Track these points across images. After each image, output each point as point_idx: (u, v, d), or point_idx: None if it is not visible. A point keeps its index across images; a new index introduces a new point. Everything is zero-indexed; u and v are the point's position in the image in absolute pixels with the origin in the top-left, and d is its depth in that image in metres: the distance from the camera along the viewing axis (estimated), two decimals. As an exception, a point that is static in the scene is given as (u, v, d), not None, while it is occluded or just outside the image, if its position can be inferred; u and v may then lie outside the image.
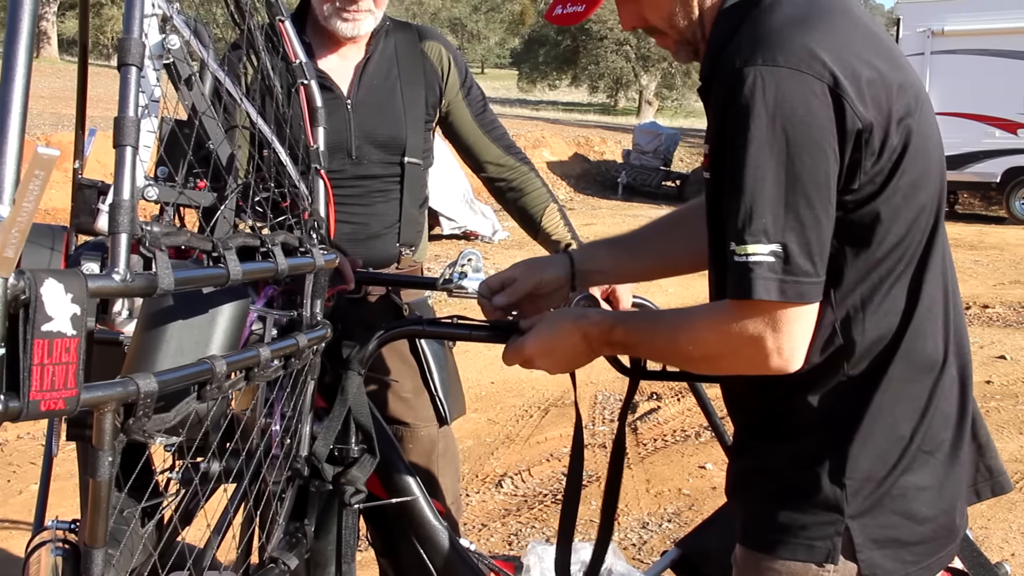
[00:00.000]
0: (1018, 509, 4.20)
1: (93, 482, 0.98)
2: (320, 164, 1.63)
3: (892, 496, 1.40)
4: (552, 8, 1.52)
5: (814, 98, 1.27)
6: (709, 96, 1.41)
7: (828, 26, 1.34)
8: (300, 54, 1.67)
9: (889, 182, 1.34)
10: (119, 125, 1.01)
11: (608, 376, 5.60)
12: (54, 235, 1.49)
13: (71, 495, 2.46)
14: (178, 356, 1.23)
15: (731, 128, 1.30)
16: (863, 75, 1.30)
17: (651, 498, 4.37)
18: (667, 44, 1.55)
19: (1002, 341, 7.31)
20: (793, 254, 1.28)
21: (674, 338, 1.47)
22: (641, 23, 1.53)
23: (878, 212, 1.35)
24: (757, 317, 1.32)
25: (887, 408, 1.40)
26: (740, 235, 1.29)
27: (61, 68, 25.02)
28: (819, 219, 1.30)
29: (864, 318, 1.39)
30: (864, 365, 1.40)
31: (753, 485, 1.51)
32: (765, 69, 1.28)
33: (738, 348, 1.36)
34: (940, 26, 16.15)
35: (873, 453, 1.40)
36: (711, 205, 1.42)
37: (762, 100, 1.27)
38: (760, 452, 1.50)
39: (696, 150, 22.54)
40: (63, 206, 6.23)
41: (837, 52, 1.30)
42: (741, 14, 1.40)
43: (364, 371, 1.83)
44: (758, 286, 1.28)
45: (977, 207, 17.63)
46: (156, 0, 1.35)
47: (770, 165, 1.27)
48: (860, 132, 1.30)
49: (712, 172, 1.39)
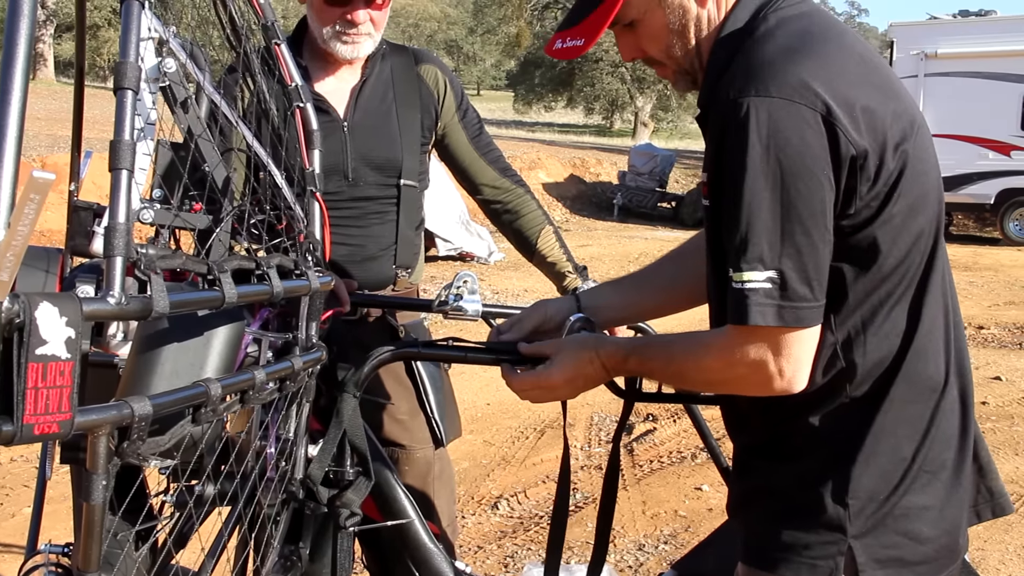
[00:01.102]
0: (1014, 531, 4.19)
1: (87, 505, 0.97)
2: (316, 186, 1.63)
3: (895, 516, 1.41)
4: (552, 42, 1.54)
5: (807, 127, 1.29)
6: (707, 124, 1.44)
7: (821, 55, 1.35)
8: (296, 77, 1.68)
9: (885, 207, 1.35)
10: (115, 148, 1.01)
11: (604, 397, 5.59)
12: (49, 257, 1.49)
13: (64, 518, 2.45)
14: (173, 379, 1.23)
15: (727, 158, 1.33)
16: (857, 103, 1.32)
17: (647, 520, 4.35)
18: (666, 74, 1.58)
19: (997, 362, 7.31)
20: (790, 280, 1.31)
21: (684, 365, 1.50)
22: (640, 54, 1.56)
23: (876, 236, 1.36)
24: (758, 342, 1.35)
25: (889, 429, 1.42)
26: (737, 262, 1.32)
27: (57, 90, 25.09)
28: (815, 245, 1.32)
29: (865, 340, 1.41)
30: (866, 387, 1.42)
31: (756, 504, 1.52)
32: (759, 100, 1.30)
33: (742, 372, 1.39)
34: (933, 49, 16.27)
35: (876, 473, 1.41)
36: (710, 232, 1.45)
37: (756, 130, 1.29)
38: (763, 472, 1.51)
39: (691, 171, 22.62)
40: (58, 228, 6.22)
41: (830, 81, 1.32)
42: (736, 43, 1.42)
43: (360, 393, 1.82)
44: (754, 312, 1.31)
45: (971, 228, 17.70)
46: (152, 24, 1.36)
47: (765, 194, 1.30)
48: (854, 159, 1.31)
49: (711, 200, 1.41)
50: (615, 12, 1.46)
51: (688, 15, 1.48)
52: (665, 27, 1.49)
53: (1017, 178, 16.07)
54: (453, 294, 2.13)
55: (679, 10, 1.47)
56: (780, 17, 1.42)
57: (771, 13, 1.43)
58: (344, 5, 2.33)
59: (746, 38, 1.41)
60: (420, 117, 2.51)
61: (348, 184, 2.42)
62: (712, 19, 1.48)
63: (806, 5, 1.46)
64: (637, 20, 1.50)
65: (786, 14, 1.42)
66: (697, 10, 1.47)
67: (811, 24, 1.41)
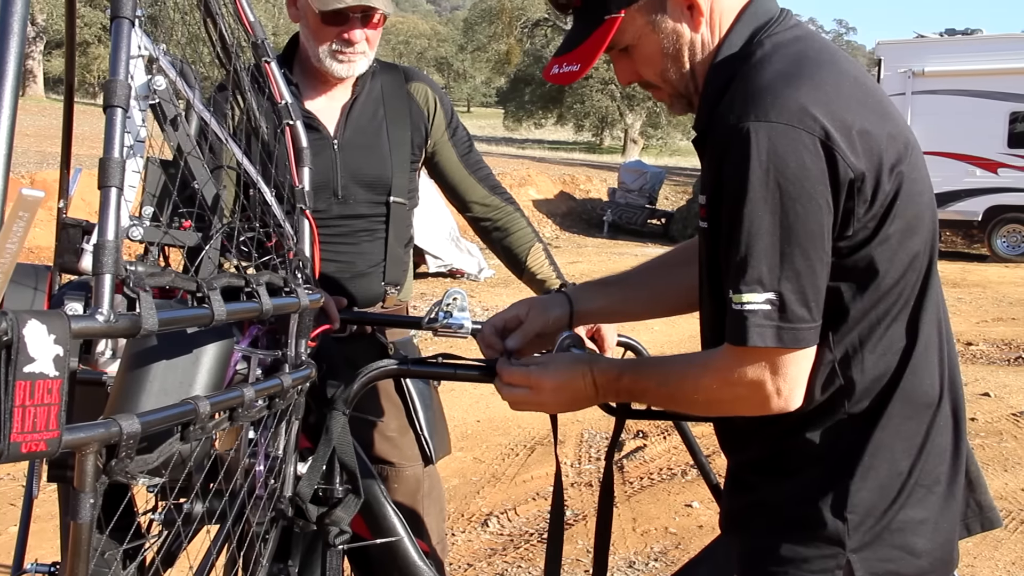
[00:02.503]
0: (1004, 547, 4.20)
1: (74, 524, 0.97)
2: (305, 204, 1.63)
3: (891, 530, 1.43)
4: (549, 67, 1.56)
5: (806, 152, 1.31)
6: (704, 148, 1.46)
7: (818, 79, 1.37)
8: (286, 95, 1.68)
9: (882, 227, 1.37)
10: (104, 166, 1.01)
11: (594, 415, 5.58)
12: (37, 275, 1.49)
13: (51, 537, 2.43)
14: (161, 397, 1.23)
15: (728, 181, 1.34)
16: (854, 126, 1.34)
17: (638, 537, 4.34)
18: (662, 97, 1.59)
19: (986, 378, 7.34)
20: (789, 302, 1.33)
21: (680, 385, 1.51)
22: (636, 78, 1.58)
23: (873, 256, 1.38)
24: (756, 362, 1.37)
25: (887, 444, 1.44)
26: (737, 284, 1.34)
27: (47, 106, 25.07)
28: (814, 267, 1.34)
29: (863, 358, 1.43)
30: (864, 403, 1.44)
31: (754, 519, 1.53)
32: (759, 125, 1.32)
33: (739, 392, 1.41)
34: (921, 67, 16.39)
35: (874, 488, 1.43)
36: (708, 254, 1.47)
37: (756, 155, 1.31)
38: (761, 487, 1.53)
39: (681, 188, 22.68)
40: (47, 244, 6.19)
41: (827, 106, 1.34)
42: (732, 68, 1.44)
43: (349, 411, 1.82)
44: (753, 333, 1.33)
45: (960, 245, 17.77)
46: (142, 41, 1.36)
47: (765, 217, 1.32)
48: (852, 182, 1.33)
49: (709, 223, 1.43)
50: (610, 38, 1.48)
51: (682, 40, 1.49)
52: (660, 51, 1.50)
53: (1004, 195, 16.17)
54: (443, 311, 2.13)
55: (673, 35, 1.49)
56: (775, 42, 1.44)
57: (766, 38, 1.45)
58: (341, 24, 2.34)
59: (743, 63, 1.43)
60: (410, 135, 2.52)
61: (338, 202, 2.42)
62: (706, 43, 1.49)
63: (799, 29, 1.48)
64: (632, 45, 1.52)
65: (781, 39, 1.44)
66: (691, 35, 1.49)
67: (806, 48, 1.43)
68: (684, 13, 1.47)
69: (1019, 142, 16.09)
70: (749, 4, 1.49)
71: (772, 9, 1.50)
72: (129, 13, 1.10)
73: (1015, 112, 16.05)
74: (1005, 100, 15.96)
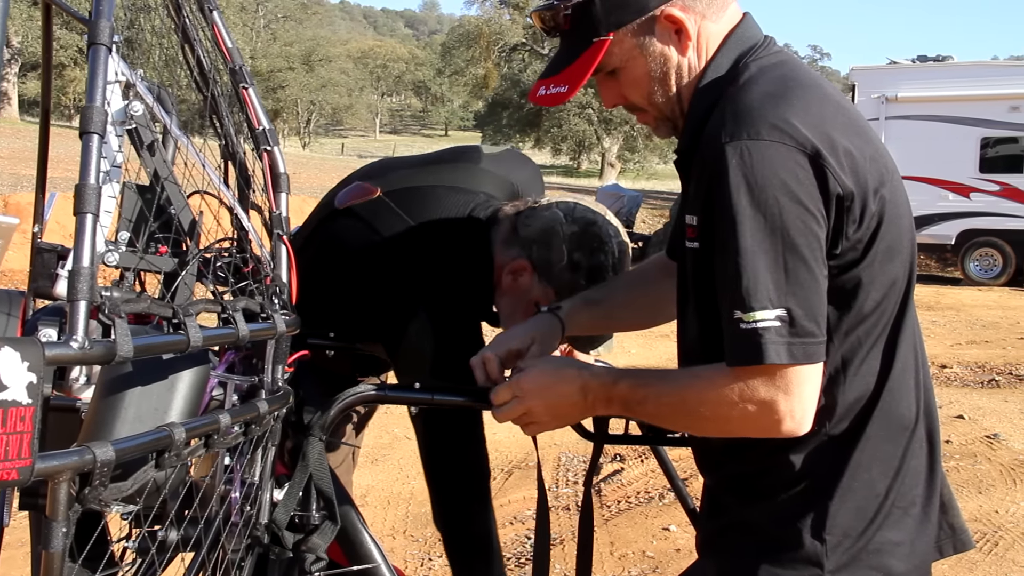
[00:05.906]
0: (979, 569, 4.21)
1: (45, 553, 0.96)
2: (283, 230, 1.63)
3: (868, 551, 1.44)
4: (536, 89, 1.57)
5: (798, 167, 1.33)
6: (689, 168, 1.47)
7: (804, 101, 1.39)
8: (263, 120, 1.68)
9: (869, 249, 1.39)
10: (80, 193, 1.00)
11: (571, 438, 5.56)
12: (11, 300, 1.48)
13: (22, 565, 2.40)
14: (136, 424, 1.22)
15: (721, 202, 1.35)
16: (840, 146, 1.36)
17: (615, 560, 4.33)
18: (647, 120, 1.61)
19: (960, 401, 7.38)
20: (797, 316, 1.33)
21: (683, 398, 1.47)
22: (622, 101, 1.59)
23: (860, 278, 1.40)
24: (768, 382, 1.35)
25: (865, 466, 1.45)
26: (744, 303, 1.33)
27: (21, 128, 24.95)
28: (817, 280, 1.35)
29: (845, 379, 1.44)
30: (844, 424, 1.45)
31: (732, 541, 1.53)
32: (750, 143, 1.33)
33: (749, 412, 1.37)
34: (894, 92, 16.60)
35: (852, 509, 1.44)
36: (698, 273, 1.46)
37: (750, 173, 1.32)
38: (739, 509, 1.53)
39: (658, 212, 22.79)
40: (20, 268, 6.13)
41: (815, 125, 1.35)
42: (718, 90, 1.46)
43: (326, 437, 1.81)
44: (769, 351, 1.32)
45: (933, 268, 17.94)
46: (120, 67, 1.36)
47: (765, 234, 1.32)
48: (841, 198, 1.35)
49: (700, 242, 1.43)
50: (598, 60, 1.50)
51: (669, 63, 1.51)
52: (647, 75, 1.52)
53: (976, 219, 16.38)
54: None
55: (660, 58, 1.51)
56: (761, 65, 1.46)
57: (752, 62, 1.47)
58: None
59: (729, 85, 1.45)
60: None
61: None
62: (693, 67, 1.51)
63: (783, 55, 1.51)
64: (619, 68, 1.53)
65: (766, 62, 1.47)
66: (678, 58, 1.51)
67: (791, 71, 1.46)
68: (672, 37, 1.49)
69: (990, 167, 16.33)
70: (735, 29, 1.52)
71: (756, 35, 1.52)
72: (106, 40, 1.11)
73: (986, 137, 16.30)
74: (976, 126, 16.19)
